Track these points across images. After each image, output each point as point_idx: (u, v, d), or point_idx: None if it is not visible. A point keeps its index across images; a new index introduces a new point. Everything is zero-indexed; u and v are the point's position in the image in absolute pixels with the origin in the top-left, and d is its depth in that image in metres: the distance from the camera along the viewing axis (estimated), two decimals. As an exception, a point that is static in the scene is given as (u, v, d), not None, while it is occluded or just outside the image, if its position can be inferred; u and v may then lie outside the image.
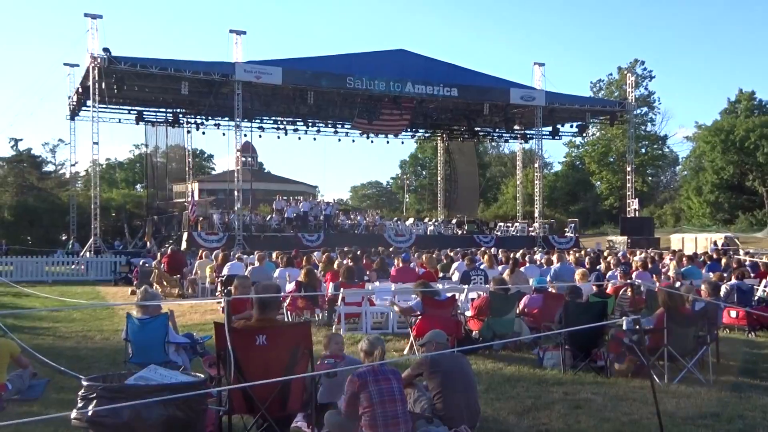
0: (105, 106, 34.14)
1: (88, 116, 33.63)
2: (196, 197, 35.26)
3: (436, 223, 41.73)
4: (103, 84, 29.72)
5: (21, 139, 54.12)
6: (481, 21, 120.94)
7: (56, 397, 7.39)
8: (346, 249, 21.62)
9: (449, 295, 10.97)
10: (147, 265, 21.09)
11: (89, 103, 32.08)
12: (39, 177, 52.66)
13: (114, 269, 26.27)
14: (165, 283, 18.20)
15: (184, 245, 30.02)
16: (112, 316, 14.31)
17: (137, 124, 38.34)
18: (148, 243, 35.28)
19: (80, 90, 34.18)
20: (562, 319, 9.15)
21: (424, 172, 78.76)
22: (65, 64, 37.17)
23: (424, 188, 71.66)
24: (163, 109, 38.31)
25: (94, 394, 4.50)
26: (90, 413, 4.40)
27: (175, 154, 43.10)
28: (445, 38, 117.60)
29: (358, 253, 19.08)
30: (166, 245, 29.68)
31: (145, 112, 38.04)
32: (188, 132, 40.86)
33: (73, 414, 4.43)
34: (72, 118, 37.59)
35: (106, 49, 29.72)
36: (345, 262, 16.08)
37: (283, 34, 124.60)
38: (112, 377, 5.02)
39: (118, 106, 37.05)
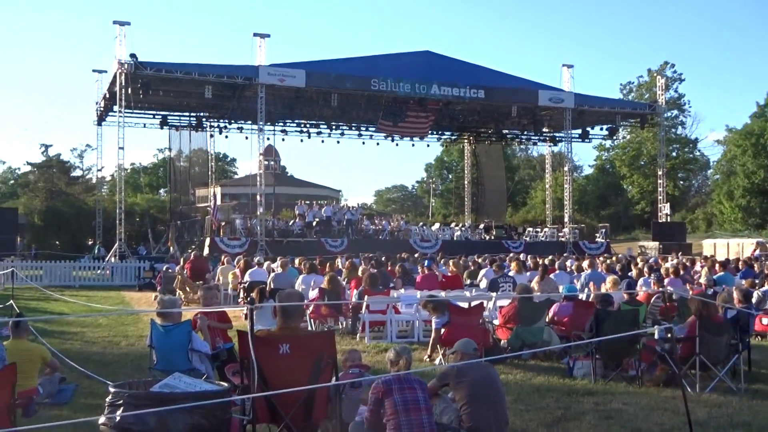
0: (131, 111, 34.64)
1: (115, 121, 34.23)
2: (219, 201, 35.52)
3: (463, 228, 41.62)
4: (130, 89, 30.20)
5: (51, 145, 55.64)
6: (508, 22, 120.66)
7: (84, 402, 7.53)
8: (370, 255, 21.69)
9: (477, 302, 10.94)
10: (170, 270, 21.29)
11: (116, 108, 32.61)
12: (67, 182, 53.65)
13: (138, 274, 26.64)
14: (188, 289, 18.39)
15: (206, 251, 30.28)
16: (136, 322, 14.51)
17: (161, 128, 38.85)
18: (171, 248, 35.71)
19: (107, 95, 34.76)
20: (592, 328, 9.07)
21: (450, 176, 78.55)
22: (94, 71, 37.98)
23: (450, 192, 71.46)
24: (187, 114, 38.74)
25: (121, 401, 4.57)
26: (117, 419, 4.47)
27: (198, 158, 43.56)
28: (471, 39, 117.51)
29: (383, 259, 19.13)
30: (189, 250, 29.98)
31: (169, 117, 38.53)
32: (211, 136, 41.28)
33: (101, 420, 4.51)
34: (99, 124, 38.25)
35: (132, 55, 30.20)
36: (369, 268, 16.12)
37: (306, 36, 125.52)
38: (137, 384, 5.07)
39: (143, 111, 37.60)
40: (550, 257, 21.71)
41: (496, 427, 5.82)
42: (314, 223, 36.27)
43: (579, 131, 41.83)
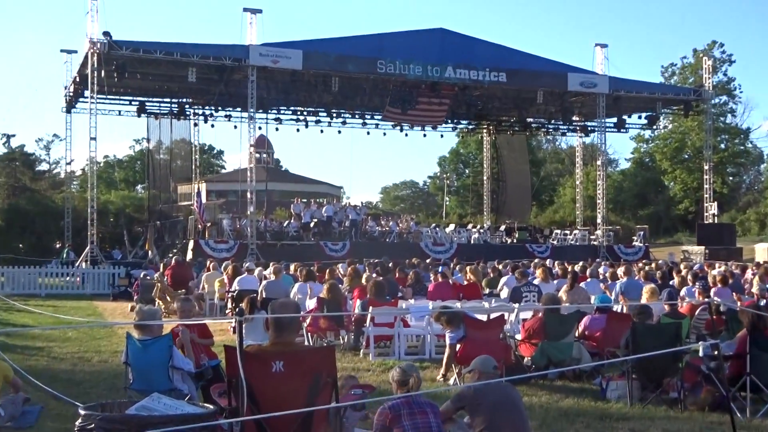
0: (104, 96, 34.78)
1: (86, 108, 34.40)
2: (204, 199, 35.61)
3: (482, 231, 41.67)
4: (103, 72, 30.24)
5: (14, 135, 55.60)
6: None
7: (51, 426, 7.58)
8: (375, 261, 21.67)
9: (497, 314, 10.95)
10: (149, 277, 21.40)
11: (87, 93, 32.73)
12: (32, 177, 53.76)
13: (112, 282, 26.74)
14: (168, 298, 18.46)
15: (189, 255, 30.36)
16: (110, 335, 14.56)
17: (139, 116, 39.00)
18: (149, 252, 35.79)
19: (78, 79, 34.85)
20: (628, 344, 9.07)
21: (467, 171, 78.58)
22: (62, 51, 38.02)
23: (467, 189, 71.40)
24: (168, 100, 38.92)
25: (92, 425, 4.60)
26: (87, 446, 4.49)
27: (180, 150, 43.70)
28: (490, 15, 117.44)
29: (390, 265, 19.18)
30: (170, 255, 29.99)
31: (147, 103, 38.67)
32: (195, 125, 41.53)
33: (69, 446, 4.55)
34: (68, 111, 38.37)
35: (106, 33, 30.25)
36: (374, 275, 16.12)
37: (303, 12, 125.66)
38: (111, 406, 5.11)
39: (118, 97, 37.76)
40: (580, 263, 21.73)
41: (518, 456, 5.83)
42: (312, 224, 36.36)
43: (614, 120, 41.73)
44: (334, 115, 40.73)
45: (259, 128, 40.82)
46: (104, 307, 21.61)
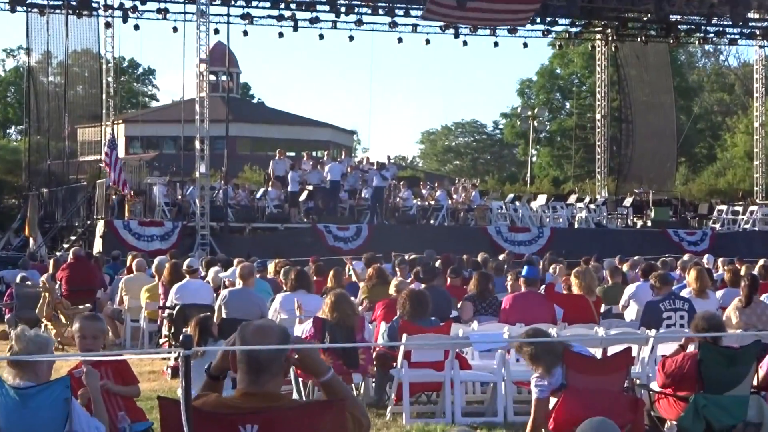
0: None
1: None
2: (122, 153, 35.79)
3: (593, 206, 41.67)
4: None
5: None
6: None
7: None
8: (412, 256, 21.62)
9: (619, 348, 10.90)
10: (29, 283, 21.45)
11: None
12: None
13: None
14: (63, 318, 18.54)
15: (98, 246, 30.73)
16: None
17: (12, 11, 39.15)
18: (31, 240, 35.92)
19: None
20: None
21: (567, 105, 78.29)
22: None
23: (567, 136, 71.17)
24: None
25: None
26: None
27: (82, 70, 44.00)
28: None
29: (437, 264, 19.07)
30: (65, 245, 30.06)
31: (28, -11, 38.88)
32: (107, 26, 41.63)
33: None
34: None
35: None
36: (410, 281, 16.07)
37: None
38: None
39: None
40: (762, 262, 21.48)
41: None
42: (305, 195, 36.49)
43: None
44: (342, 8, 40.47)
45: (215, 32, 40.64)
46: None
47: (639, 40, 47.23)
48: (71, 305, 19.04)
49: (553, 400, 9.77)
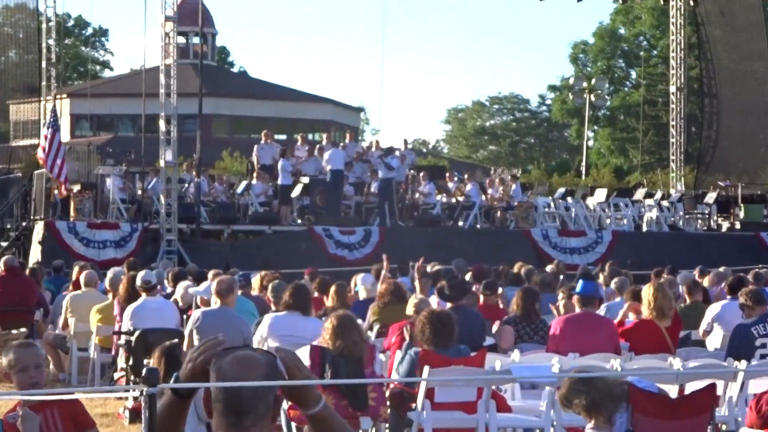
0: None
1: None
2: (65, 136, 35.81)
3: (666, 204, 41.85)
4: None
5: None
6: None
7: None
8: (436, 267, 21.71)
9: (700, 384, 10.94)
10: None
11: None
12: None
13: None
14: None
15: (36, 254, 31.04)
16: None
17: None
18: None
19: None
20: None
21: (632, 73, 78.22)
22: None
23: (633, 115, 71.15)
24: None
25: None
26: None
27: (15, 30, 44.15)
28: None
29: (467, 277, 19.13)
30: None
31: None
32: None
33: None
34: None
35: None
36: (433, 299, 16.14)
37: None
38: None
39: None
40: None
41: None
42: (298, 189, 36.63)
43: None
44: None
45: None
46: None
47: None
48: (1, 330, 19.12)
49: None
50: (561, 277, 23.04)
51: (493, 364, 13.03)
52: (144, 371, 5.61)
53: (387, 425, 13.08)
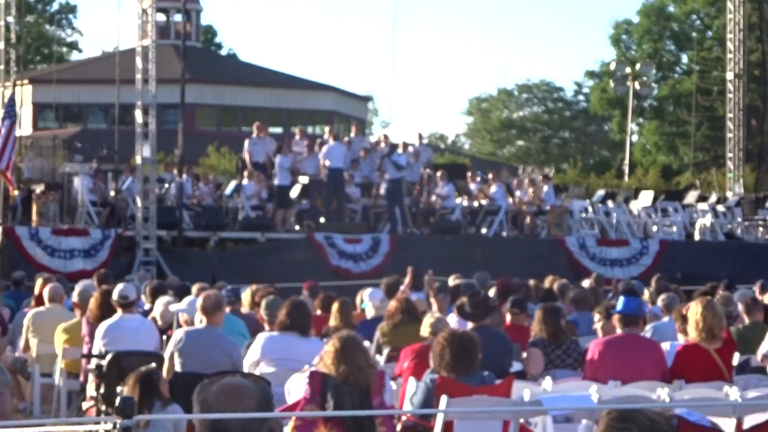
0: None
1: None
2: (27, 127, 35.84)
3: (722, 209, 42.06)
4: None
5: None
6: None
7: None
8: (456, 282, 21.83)
9: (761, 418, 11.10)
10: None
11: None
12: None
13: None
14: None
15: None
16: None
17: None
18: None
19: None
20: None
21: (683, 58, 78.31)
22: None
23: (684, 105, 71.24)
24: None
25: None
26: None
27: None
28: None
29: (491, 293, 19.37)
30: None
31: None
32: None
33: None
34: None
35: None
36: (452, 318, 16.31)
37: None
38: None
39: None
40: None
41: None
42: (296, 190, 36.81)
43: None
44: None
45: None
46: None
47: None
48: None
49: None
50: (600, 292, 23.14)
51: (522, 393, 13.02)
52: (117, 400, 5.80)
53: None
